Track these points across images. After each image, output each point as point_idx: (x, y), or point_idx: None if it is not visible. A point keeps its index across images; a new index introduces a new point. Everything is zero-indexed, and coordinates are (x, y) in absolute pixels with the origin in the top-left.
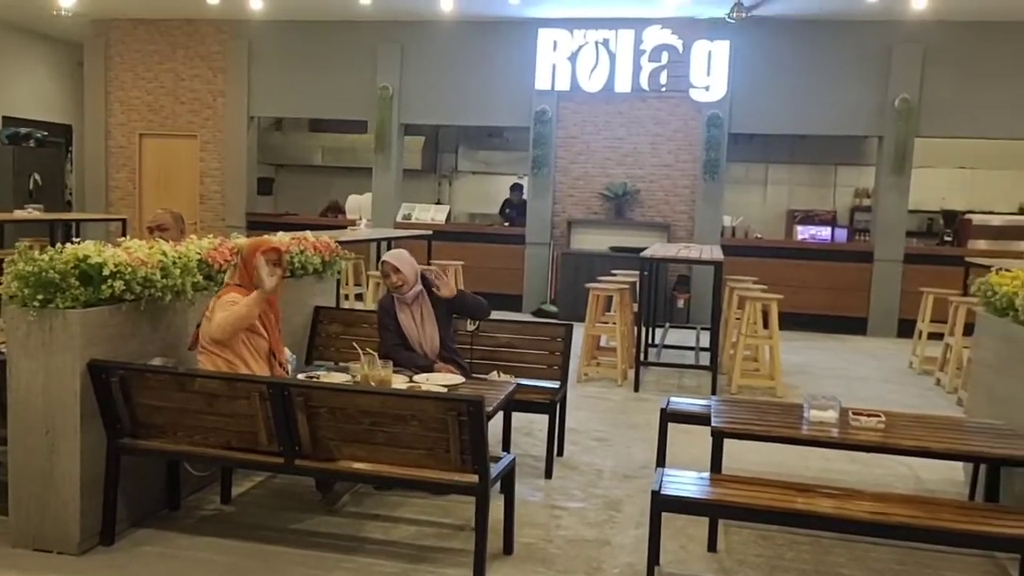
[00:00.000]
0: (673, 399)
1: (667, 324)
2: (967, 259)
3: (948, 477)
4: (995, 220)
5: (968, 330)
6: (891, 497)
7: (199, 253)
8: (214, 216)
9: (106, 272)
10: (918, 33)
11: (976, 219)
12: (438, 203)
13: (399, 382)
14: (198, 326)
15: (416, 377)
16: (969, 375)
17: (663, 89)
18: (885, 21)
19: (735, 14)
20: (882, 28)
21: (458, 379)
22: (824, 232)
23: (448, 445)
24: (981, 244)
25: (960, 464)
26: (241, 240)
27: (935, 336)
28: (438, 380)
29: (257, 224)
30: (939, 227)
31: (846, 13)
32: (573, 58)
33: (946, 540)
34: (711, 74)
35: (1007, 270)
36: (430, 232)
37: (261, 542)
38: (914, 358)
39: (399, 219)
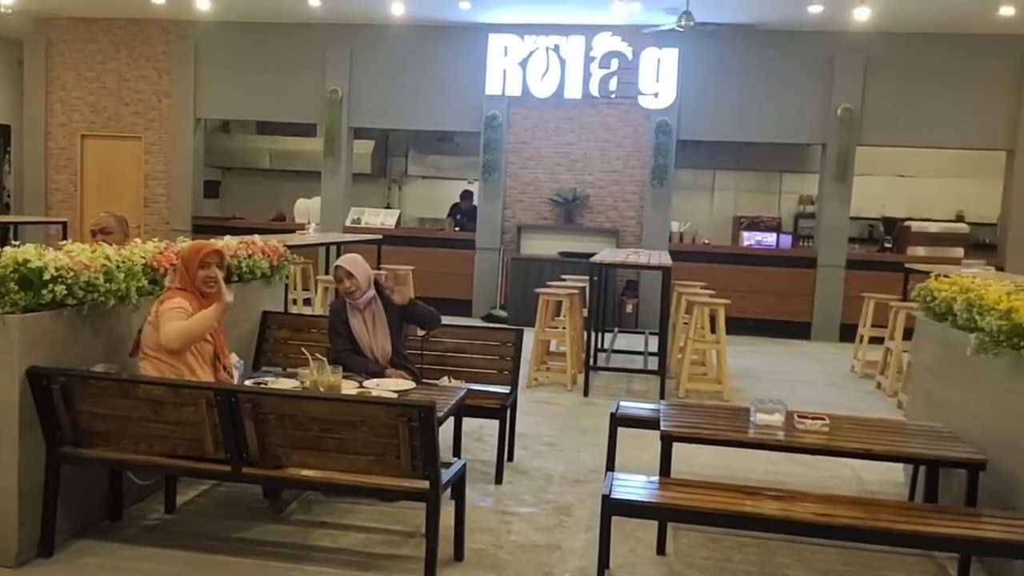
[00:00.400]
0: (622, 403)
1: (616, 329)
2: (907, 265)
3: (889, 478)
4: (933, 227)
5: (908, 334)
6: (835, 499)
7: (144, 257)
8: (159, 219)
9: (47, 276)
10: (860, 44)
11: (915, 226)
12: (388, 207)
13: (349, 388)
14: (139, 331)
15: (366, 383)
16: (909, 379)
17: (613, 96)
18: (828, 31)
19: (683, 22)
20: (825, 38)
21: (409, 385)
22: (770, 238)
23: (398, 451)
24: (920, 250)
25: (900, 465)
26: (184, 244)
27: (876, 340)
28: (388, 386)
29: (203, 228)
30: (880, 234)
31: (791, 23)
32: (524, 63)
33: (888, 540)
34: (660, 81)
35: (946, 276)
36: (380, 237)
37: (206, 552)
38: (856, 362)
39: (348, 223)
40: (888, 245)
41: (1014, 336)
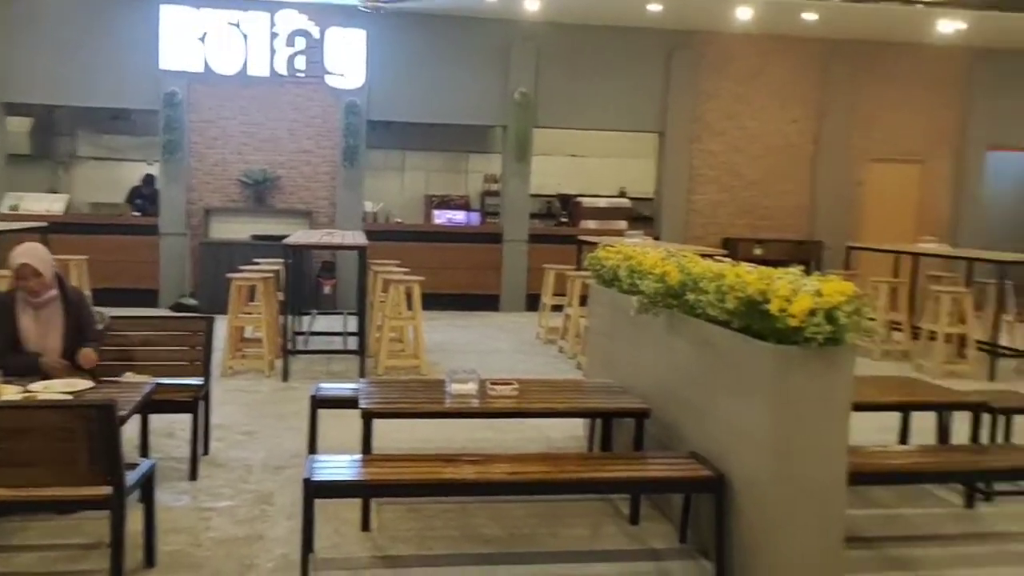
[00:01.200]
0: (322, 385)
1: (314, 311)
2: (579, 237)
3: (572, 434)
4: (600, 203)
5: (584, 301)
6: (525, 457)
7: None
8: None
9: None
10: (533, 32)
11: (586, 202)
12: (53, 192)
13: (11, 393)
14: None
15: (31, 386)
16: (586, 341)
17: (300, 75)
18: (504, 19)
19: (369, 3)
20: (502, 26)
21: (84, 384)
22: (459, 216)
23: (75, 457)
24: (591, 224)
25: (581, 420)
26: None
27: (558, 308)
28: (58, 387)
29: None
30: (557, 209)
31: (470, 10)
32: (203, 39)
33: (570, 490)
34: (348, 62)
35: (611, 246)
36: (45, 224)
37: None
38: (540, 329)
39: (5, 210)
40: (564, 220)
41: (668, 297)
